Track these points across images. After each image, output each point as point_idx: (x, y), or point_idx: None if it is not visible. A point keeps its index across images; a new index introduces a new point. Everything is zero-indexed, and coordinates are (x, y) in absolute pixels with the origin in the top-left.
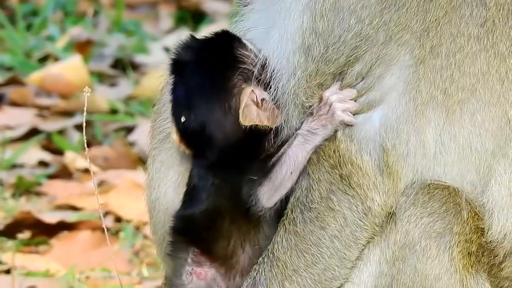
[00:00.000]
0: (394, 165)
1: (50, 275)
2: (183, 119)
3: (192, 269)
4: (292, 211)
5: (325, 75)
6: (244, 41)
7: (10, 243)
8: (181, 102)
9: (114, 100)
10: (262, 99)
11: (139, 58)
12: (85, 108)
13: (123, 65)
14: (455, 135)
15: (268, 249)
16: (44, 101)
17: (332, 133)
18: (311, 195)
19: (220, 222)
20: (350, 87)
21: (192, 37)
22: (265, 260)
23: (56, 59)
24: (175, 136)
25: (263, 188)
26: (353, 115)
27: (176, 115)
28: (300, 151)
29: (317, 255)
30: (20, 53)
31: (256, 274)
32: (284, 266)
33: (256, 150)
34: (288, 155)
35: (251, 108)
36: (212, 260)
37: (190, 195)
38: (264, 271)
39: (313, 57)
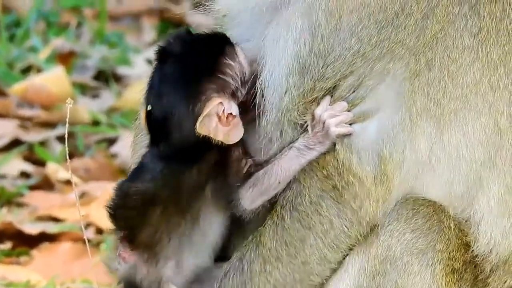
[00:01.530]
0: (390, 175)
1: (31, 286)
2: (149, 107)
3: (120, 251)
4: (281, 207)
5: (321, 91)
6: (238, 51)
7: None
8: (153, 89)
9: (96, 112)
10: (229, 114)
11: (122, 70)
12: (67, 120)
13: (106, 77)
14: (446, 146)
15: (255, 234)
16: (26, 112)
17: (329, 147)
18: (300, 198)
19: (152, 210)
20: (343, 99)
21: (188, 31)
22: (252, 242)
23: (39, 70)
24: (142, 118)
25: (246, 192)
26: (350, 124)
27: (146, 99)
28: (294, 164)
29: (299, 249)
30: (3, 64)
31: (242, 252)
32: (268, 252)
33: (212, 154)
34: (281, 166)
35: (212, 120)
36: (134, 247)
37: (136, 171)
38: (250, 251)
39: (311, 76)
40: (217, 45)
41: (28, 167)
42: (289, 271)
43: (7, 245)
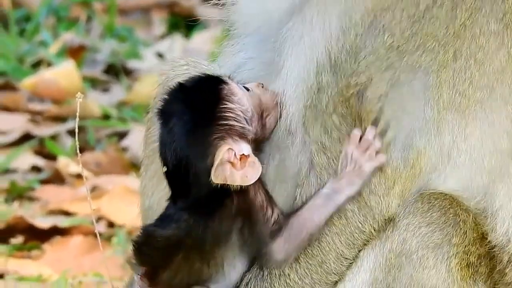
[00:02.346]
0: (411, 170)
1: (42, 280)
2: (164, 169)
3: (138, 286)
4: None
5: (356, 86)
6: (234, 88)
7: (2, 248)
8: (165, 151)
9: (107, 106)
10: (242, 155)
11: (132, 64)
12: (77, 114)
13: (116, 71)
14: (469, 137)
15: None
16: (36, 106)
17: (359, 189)
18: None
19: (175, 254)
20: (382, 94)
21: (181, 85)
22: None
23: (49, 64)
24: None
25: (278, 246)
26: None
27: (161, 159)
28: (323, 213)
29: (317, 249)
30: (13, 58)
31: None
32: None
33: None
34: (310, 218)
35: (225, 167)
36: (154, 285)
37: (163, 217)
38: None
39: (344, 72)
40: (212, 92)
41: (39, 161)
42: (307, 272)
43: (19, 239)
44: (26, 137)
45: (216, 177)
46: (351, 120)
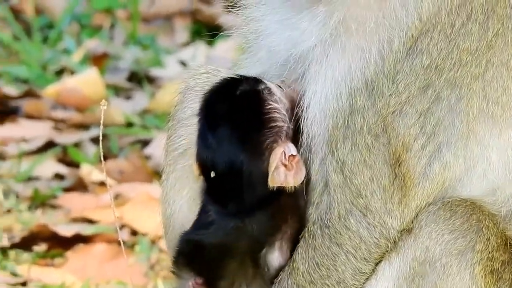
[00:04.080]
0: (434, 181)
1: (65, 287)
2: (213, 174)
3: None
4: (313, 224)
5: (396, 105)
6: (272, 88)
7: (26, 255)
8: (211, 156)
9: (130, 113)
10: (290, 155)
11: (155, 72)
12: (101, 121)
13: (139, 78)
14: (501, 145)
15: (289, 262)
16: (60, 114)
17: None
18: (331, 213)
19: (229, 262)
20: (428, 111)
21: (220, 87)
22: (286, 268)
23: (72, 72)
24: (196, 172)
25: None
26: None
27: (204, 164)
28: None
29: (332, 269)
30: (36, 66)
31: (277, 280)
32: (301, 276)
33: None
34: None
35: (280, 171)
36: None
37: (205, 224)
38: (284, 280)
39: (382, 94)
40: (254, 93)
41: (62, 169)
42: None
43: (42, 247)
44: (49, 145)
45: (273, 181)
46: (383, 140)
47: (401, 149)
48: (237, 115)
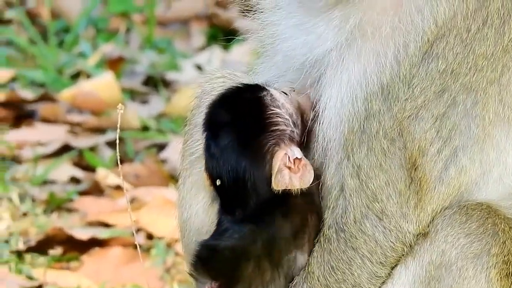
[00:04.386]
0: (450, 185)
1: None
2: (218, 182)
3: None
4: (328, 228)
5: (412, 109)
6: (275, 94)
7: (41, 259)
8: (217, 163)
9: (146, 118)
10: (295, 159)
11: (171, 75)
12: (118, 125)
13: (155, 82)
14: None
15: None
16: (75, 117)
17: None
18: (346, 217)
19: (245, 265)
20: (443, 116)
21: (223, 96)
22: (302, 272)
23: (88, 75)
24: (207, 181)
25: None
26: None
27: (211, 172)
28: None
29: (347, 273)
30: (52, 70)
31: (292, 285)
32: (317, 280)
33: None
34: None
35: (284, 173)
36: None
37: (221, 232)
38: (299, 283)
39: (398, 98)
40: (256, 100)
41: (78, 173)
42: None
43: (58, 251)
44: (65, 149)
45: (277, 184)
46: (399, 145)
47: (417, 153)
48: (238, 123)
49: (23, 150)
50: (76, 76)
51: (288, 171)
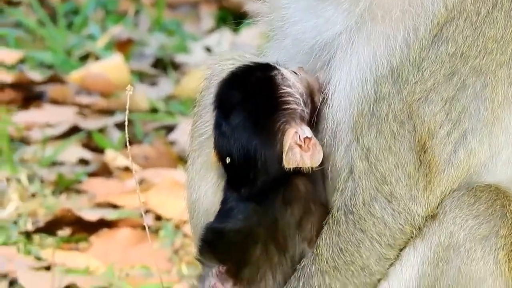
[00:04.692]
0: (459, 168)
1: (90, 272)
2: (228, 160)
3: (215, 283)
4: (337, 210)
5: (421, 92)
6: (286, 73)
7: (50, 240)
8: (228, 142)
9: (155, 99)
10: (305, 138)
11: (180, 58)
12: (127, 106)
13: (164, 65)
14: None
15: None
16: (84, 99)
17: None
18: (355, 199)
19: (253, 248)
20: (453, 99)
21: (234, 75)
22: (310, 254)
23: (97, 57)
24: (214, 159)
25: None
26: None
27: (220, 150)
28: None
29: (356, 255)
30: (61, 52)
31: (299, 270)
32: (325, 262)
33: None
34: None
35: (295, 151)
36: (236, 282)
37: (226, 212)
38: (307, 266)
39: (408, 81)
40: (267, 79)
41: (87, 154)
42: (348, 279)
43: (66, 232)
44: (74, 130)
45: (288, 162)
46: (408, 127)
47: (427, 136)
48: (249, 101)
49: (32, 131)
50: (85, 58)
51: (299, 149)
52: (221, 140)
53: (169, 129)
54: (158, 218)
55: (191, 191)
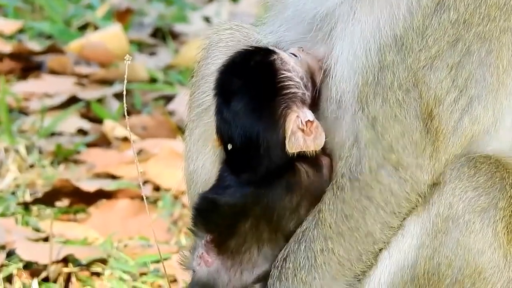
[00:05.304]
0: (462, 135)
1: (88, 243)
2: (230, 147)
3: (202, 253)
4: (341, 176)
5: (426, 60)
6: (285, 57)
7: (48, 211)
8: (229, 129)
9: (153, 69)
10: (307, 121)
11: (179, 27)
12: (125, 76)
13: (163, 34)
14: None
15: (315, 209)
16: (83, 69)
17: None
18: (361, 166)
19: (242, 223)
20: (458, 65)
21: (233, 62)
22: (311, 219)
23: (96, 27)
24: (217, 143)
25: None
26: None
27: (223, 138)
28: None
29: (361, 221)
30: (60, 21)
31: (300, 234)
32: (329, 227)
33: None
34: None
35: (298, 136)
36: (220, 252)
37: (223, 187)
38: (308, 230)
39: (412, 49)
40: (266, 64)
41: (85, 125)
42: (352, 245)
43: (65, 202)
44: (72, 100)
45: (291, 147)
46: (414, 95)
47: (433, 103)
48: (250, 87)
49: (31, 101)
50: (84, 28)
51: (301, 133)
52: (223, 126)
53: (168, 99)
54: (157, 188)
55: (189, 162)
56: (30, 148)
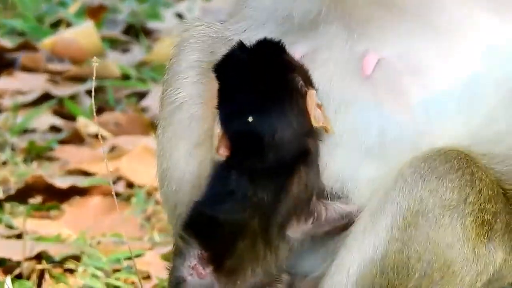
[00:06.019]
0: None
1: (61, 240)
2: (250, 119)
3: (195, 264)
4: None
5: None
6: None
7: (21, 208)
8: (243, 107)
9: (126, 66)
10: (317, 104)
11: (152, 24)
12: (94, 78)
13: (136, 31)
14: None
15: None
16: (56, 66)
17: None
18: None
19: (241, 242)
20: None
21: (239, 49)
22: None
23: (68, 24)
24: (218, 139)
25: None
26: None
27: (230, 118)
28: None
29: None
30: (32, 18)
31: None
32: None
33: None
34: None
35: (318, 111)
36: (216, 269)
37: (224, 196)
38: None
39: None
40: (276, 48)
41: (58, 121)
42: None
43: (38, 199)
44: (45, 97)
45: (316, 120)
46: None
47: None
48: (262, 65)
49: (3, 98)
50: (56, 25)
51: (320, 110)
52: (233, 108)
53: (141, 95)
54: (130, 185)
55: (162, 159)
56: (3, 145)
